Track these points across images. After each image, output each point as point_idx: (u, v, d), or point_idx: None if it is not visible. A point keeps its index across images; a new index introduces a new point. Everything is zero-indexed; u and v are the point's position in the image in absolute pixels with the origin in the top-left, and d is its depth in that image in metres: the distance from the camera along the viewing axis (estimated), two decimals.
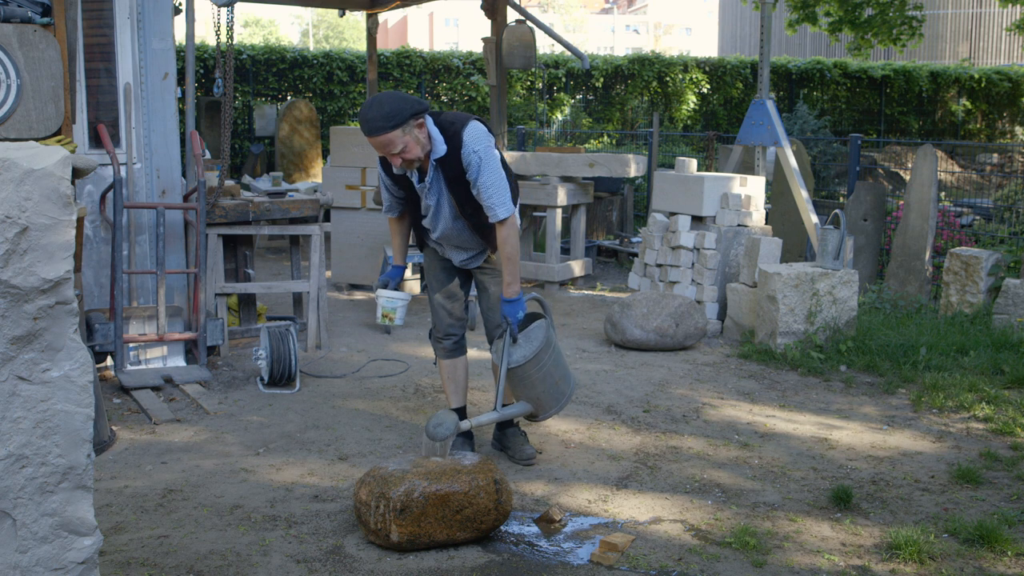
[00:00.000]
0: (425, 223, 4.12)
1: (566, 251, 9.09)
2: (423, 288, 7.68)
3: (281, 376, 5.25)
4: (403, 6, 11.38)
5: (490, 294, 4.21)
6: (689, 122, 17.17)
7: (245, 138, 13.69)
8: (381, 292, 4.19)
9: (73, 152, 4.12)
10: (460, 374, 4.33)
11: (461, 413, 4.33)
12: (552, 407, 4.07)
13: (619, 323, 6.22)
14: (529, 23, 9.42)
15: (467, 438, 4.31)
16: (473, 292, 4.79)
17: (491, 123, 10.16)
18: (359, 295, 7.89)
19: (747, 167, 8.07)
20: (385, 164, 4.03)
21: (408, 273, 7.84)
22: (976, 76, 19.66)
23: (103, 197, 5.62)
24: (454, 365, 4.32)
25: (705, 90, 17.42)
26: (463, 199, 3.94)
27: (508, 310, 3.95)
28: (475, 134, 3.83)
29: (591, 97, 16.88)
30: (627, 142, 15.01)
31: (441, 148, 3.83)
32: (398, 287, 4.31)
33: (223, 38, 5.84)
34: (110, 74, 5.62)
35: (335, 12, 12.35)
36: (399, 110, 3.67)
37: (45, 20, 4.42)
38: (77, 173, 2.86)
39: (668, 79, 16.98)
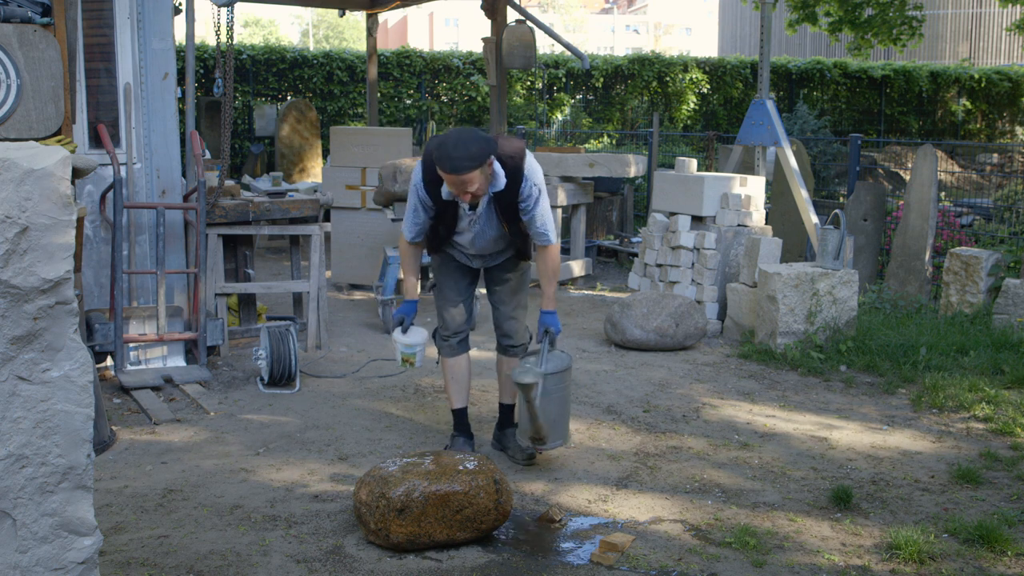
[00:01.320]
0: (460, 239, 4.19)
1: (566, 251, 9.09)
2: (426, 289, 7.67)
3: (281, 376, 5.25)
4: (403, 6, 11.39)
5: (504, 288, 4.29)
6: (689, 122, 17.17)
7: (245, 138, 13.69)
8: (398, 337, 4.18)
9: (73, 152, 4.12)
10: (464, 373, 4.36)
11: (462, 415, 4.35)
12: (556, 439, 4.09)
13: (619, 323, 6.22)
14: (529, 23, 9.42)
15: (468, 438, 4.32)
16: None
17: (491, 123, 10.16)
18: (359, 295, 7.89)
19: (747, 167, 8.07)
20: (432, 189, 4.04)
21: None
22: (976, 76, 19.66)
23: (103, 197, 5.62)
24: (458, 363, 4.34)
25: (705, 90, 17.42)
26: (511, 224, 4.11)
27: (551, 320, 4.12)
28: (533, 168, 4.02)
29: (591, 97, 16.89)
30: (627, 142, 15.01)
31: (501, 182, 3.94)
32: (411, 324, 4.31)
33: (223, 38, 5.84)
34: (110, 74, 5.62)
35: (335, 12, 12.36)
36: (483, 151, 3.79)
37: (45, 20, 4.42)
38: (77, 173, 2.86)
39: (668, 79, 16.98)
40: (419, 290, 4.33)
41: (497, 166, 3.90)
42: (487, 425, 4.62)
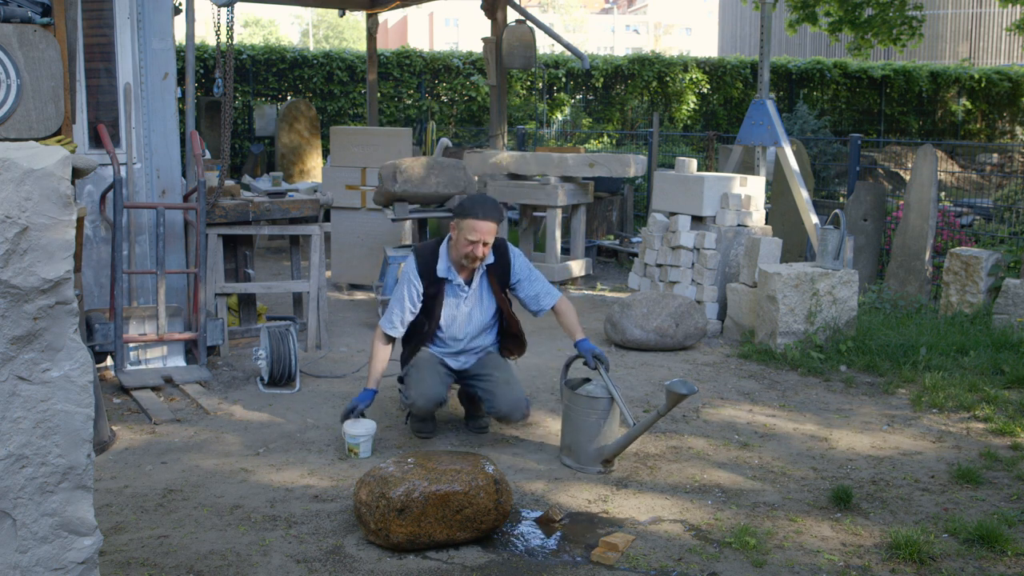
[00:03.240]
0: (444, 332, 4.41)
1: (566, 251, 9.09)
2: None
3: (281, 376, 5.25)
4: (403, 6, 11.39)
5: (498, 377, 4.36)
6: (689, 122, 17.17)
7: (245, 138, 13.69)
8: (346, 427, 4.24)
9: (73, 152, 4.11)
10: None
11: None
12: (577, 459, 4.14)
13: (619, 323, 6.22)
14: (529, 23, 9.43)
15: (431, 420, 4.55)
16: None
17: (491, 123, 10.16)
18: (359, 295, 7.89)
19: (747, 167, 8.07)
20: (426, 275, 4.30)
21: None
22: (976, 76, 19.66)
23: (103, 197, 5.62)
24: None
25: (705, 90, 17.42)
26: (500, 301, 4.45)
27: (591, 346, 4.30)
28: (514, 246, 4.54)
29: (591, 97, 16.89)
30: (627, 142, 15.01)
31: (490, 257, 4.38)
32: (363, 414, 4.34)
33: (223, 38, 5.84)
34: (110, 74, 5.62)
35: (335, 12, 12.36)
36: (501, 208, 4.31)
37: (45, 20, 4.42)
38: (77, 173, 2.86)
39: (668, 79, 16.98)
40: (378, 383, 4.36)
41: None
42: (491, 428, 4.62)
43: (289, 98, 14.03)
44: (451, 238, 4.35)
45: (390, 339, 4.40)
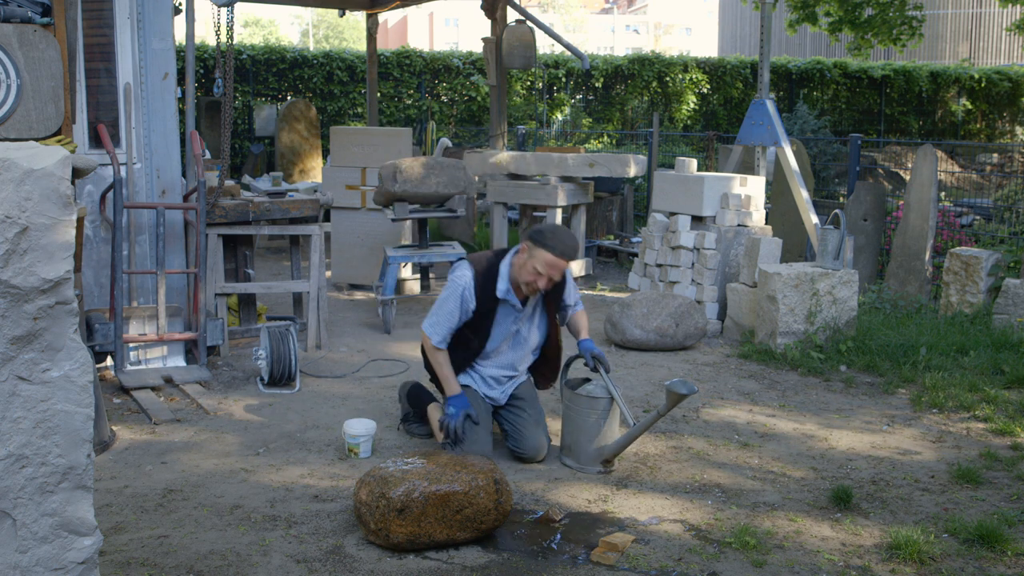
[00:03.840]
0: (490, 350, 4.28)
1: None
2: (423, 288, 7.68)
3: (281, 376, 5.25)
4: (403, 6, 11.40)
5: (528, 417, 4.26)
6: (689, 122, 17.17)
7: (245, 138, 13.69)
8: (346, 427, 4.25)
9: (73, 152, 4.12)
10: None
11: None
12: (577, 459, 4.14)
13: (619, 323, 6.22)
14: (529, 23, 9.43)
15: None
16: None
17: (491, 123, 10.16)
18: (359, 295, 7.89)
19: (747, 167, 8.07)
20: (482, 293, 4.12)
21: (408, 272, 7.84)
22: (976, 76, 19.66)
23: (103, 197, 5.62)
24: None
25: (705, 90, 17.43)
26: (552, 324, 4.38)
27: (591, 346, 4.27)
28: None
29: (591, 97, 16.89)
30: (627, 142, 15.01)
31: None
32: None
33: (223, 38, 5.84)
34: (110, 74, 5.62)
35: (335, 12, 12.36)
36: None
37: (45, 20, 4.42)
38: (77, 173, 2.86)
39: (668, 79, 16.98)
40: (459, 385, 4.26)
41: None
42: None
43: (289, 98, 14.03)
44: (516, 259, 4.11)
45: (446, 349, 4.24)
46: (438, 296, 4.33)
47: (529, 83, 16.17)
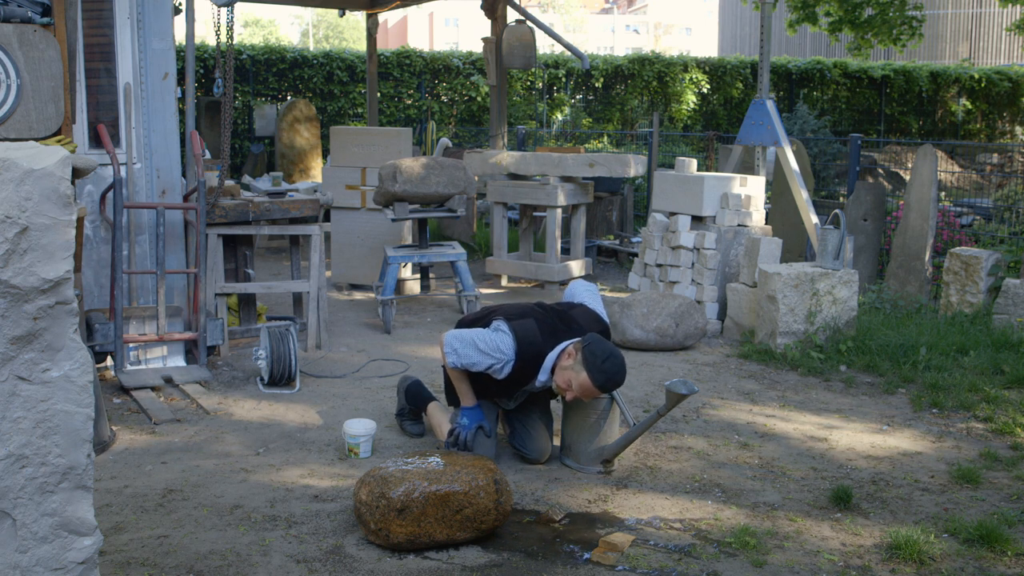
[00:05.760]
0: (511, 394, 4.20)
1: (566, 251, 9.08)
2: (423, 288, 7.68)
3: (281, 376, 5.25)
4: (403, 6, 11.40)
5: (538, 421, 4.23)
6: (689, 122, 17.18)
7: (245, 138, 13.70)
8: (346, 427, 4.25)
9: (73, 152, 4.12)
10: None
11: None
12: (577, 459, 4.14)
13: (619, 323, 6.22)
14: (529, 23, 9.44)
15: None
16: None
17: (491, 123, 10.17)
18: (359, 295, 7.89)
19: (747, 167, 8.07)
20: (522, 375, 3.98)
21: (408, 272, 7.84)
22: (976, 76, 19.67)
23: (103, 197, 5.62)
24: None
25: (705, 90, 17.43)
26: None
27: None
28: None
29: (591, 97, 16.89)
30: (627, 142, 15.01)
31: None
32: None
33: (223, 38, 5.84)
34: (110, 74, 5.62)
35: (335, 12, 12.37)
36: None
37: (45, 20, 4.42)
38: (77, 173, 2.86)
39: (668, 79, 16.99)
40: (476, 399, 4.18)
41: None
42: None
43: (289, 98, 14.03)
44: (562, 360, 3.93)
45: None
46: (468, 328, 4.13)
47: (529, 83, 16.17)
